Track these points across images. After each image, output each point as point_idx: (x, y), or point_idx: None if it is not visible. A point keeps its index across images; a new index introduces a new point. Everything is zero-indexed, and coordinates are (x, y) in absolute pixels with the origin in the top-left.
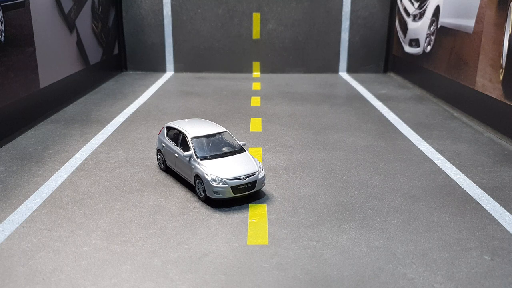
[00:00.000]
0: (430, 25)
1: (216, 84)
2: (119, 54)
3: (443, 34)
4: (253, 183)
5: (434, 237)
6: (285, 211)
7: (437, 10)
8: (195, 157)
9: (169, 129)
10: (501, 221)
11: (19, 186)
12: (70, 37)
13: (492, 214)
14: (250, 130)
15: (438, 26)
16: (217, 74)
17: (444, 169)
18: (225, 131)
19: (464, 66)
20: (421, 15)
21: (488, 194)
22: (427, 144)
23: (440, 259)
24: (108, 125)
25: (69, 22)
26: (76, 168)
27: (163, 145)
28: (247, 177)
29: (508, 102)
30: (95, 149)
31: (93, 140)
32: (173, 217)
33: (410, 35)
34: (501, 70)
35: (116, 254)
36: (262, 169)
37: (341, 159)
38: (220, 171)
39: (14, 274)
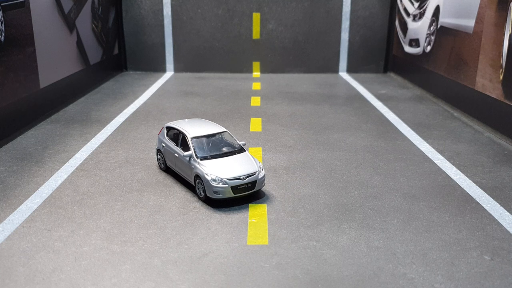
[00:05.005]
0: (430, 25)
1: (216, 84)
2: (119, 54)
3: (443, 34)
4: (253, 183)
5: (434, 237)
6: (285, 211)
7: (437, 10)
8: (195, 157)
9: (169, 129)
10: (501, 221)
11: (19, 186)
12: (70, 37)
13: (492, 214)
14: (250, 130)
15: (438, 26)
16: (217, 74)
17: (444, 169)
18: (225, 131)
19: (464, 66)
20: (421, 15)
21: (488, 194)
22: (427, 144)
23: (440, 259)
24: (108, 125)
25: (69, 22)
26: (76, 168)
27: (163, 145)
28: (247, 177)
29: (508, 102)
30: (95, 149)
31: (93, 140)
32: (173, 217)
33: (410, 35)
34: (501, 70)
35: (116, 254)
36: (262, 169)
37: (341, 159)
38: (220, 171)
39: (14, 274)
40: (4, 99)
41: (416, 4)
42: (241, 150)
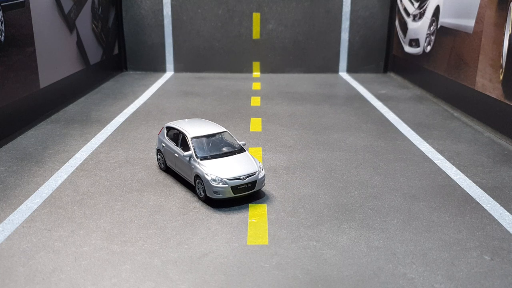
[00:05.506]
0: (430, 25)
1: (216, 84)
2: (119, 54)
3: (443, 34)
4: (253, 183)
5: (434, 237)
6: (285, 211)
7: (437, 10)
8: (195, 157)
9: (169, 129)
10: (501, 221)
11: (19, 186)
12: (70, 37)
13: (492, 214)
14: (250, 130)
15: (438, 26)
16: (217, 74)
17: (444, 169)
18: (225, 131)
19: (464, 66)
20: (421, 15)
21: (488, 194)
22: (427, 144)
23: (440, 259)
24: (108, 125)
25: (69, 22)
26: (76, 168)
27: (163, 145)
28: (247, 177)
29: (508, 102)
30: (95, 149)
31: (93, 140)
32: (173, 217)
33: (410, 35)
34: (501, 70)
35: (116, 254)
36: (262, 169)
37: (341, 159)
38: (220, 171)
39: (14, 274)
40: (4, 99)
41: (416, 4)
42: (241, 150)
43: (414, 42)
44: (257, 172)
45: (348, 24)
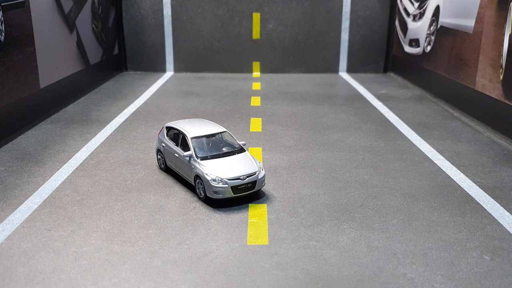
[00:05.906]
0: (430, 25)
1: (216, 84)
2: (119, 54)
3: (443, 34)
4: (253, 183)
5: (434, 237)
6: (285, 211)
7: (437, 10)
8: (195, 157)
9: (169, 129)
10: (501, 221)
11: (19, 186)
12: (70, 37)
13: (492, 214)
14: (250, 130)
15: (438, 26)
16: (217, 74)
17: (444, 169)
18: (225, 131)
19: (464, 66)
20: (421, 15)
21: (488, 194)
22: (427, 144)
23: (440, 259)
24: (108, 125)
25: (69, 22)
26: (76, 168)
27: (163, 145)
28: (247, 177)
29: (508, 102)
30: (95, 149)
31: (93, 140)
32: (173, 217)
33: (410, 35)
34: (501, 70)
35: (116, 254)
36: (262, 169)
37: (341, 159)
38: (220, 171)
39: (14, 274)
40: (4, 99)
41: (416, 4)
42: (241, 150)
43: (414, 42)
44: (257, 172)
45: (348, 24)
